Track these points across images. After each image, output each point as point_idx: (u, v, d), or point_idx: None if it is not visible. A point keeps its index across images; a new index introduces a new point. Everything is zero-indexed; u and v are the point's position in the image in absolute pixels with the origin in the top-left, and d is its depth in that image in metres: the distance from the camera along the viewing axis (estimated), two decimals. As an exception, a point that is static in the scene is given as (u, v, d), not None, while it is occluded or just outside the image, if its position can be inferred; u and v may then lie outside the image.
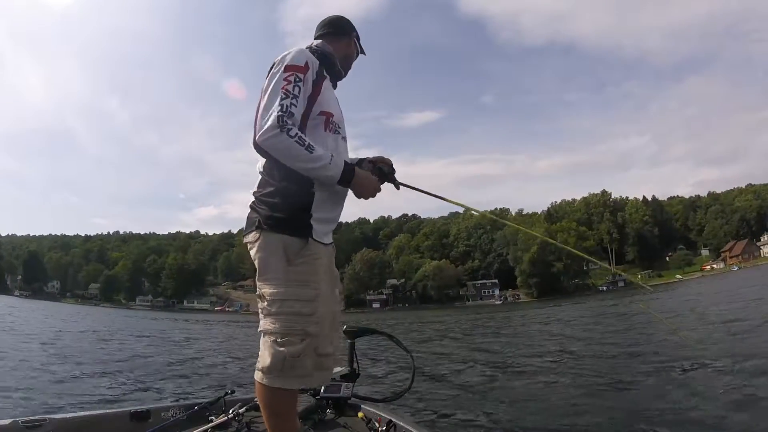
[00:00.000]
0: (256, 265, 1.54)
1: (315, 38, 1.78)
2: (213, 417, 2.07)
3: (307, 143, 1.43)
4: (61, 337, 13.89)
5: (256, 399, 2.06)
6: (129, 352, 10.54)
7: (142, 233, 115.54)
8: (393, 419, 1.96)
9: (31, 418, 1.75)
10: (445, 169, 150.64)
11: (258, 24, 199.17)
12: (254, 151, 1.49)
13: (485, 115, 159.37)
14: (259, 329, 1.52)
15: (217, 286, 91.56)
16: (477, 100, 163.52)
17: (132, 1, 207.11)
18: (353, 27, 1.83)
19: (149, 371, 7.54)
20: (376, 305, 74.98)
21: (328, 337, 1.54)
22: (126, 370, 7.46)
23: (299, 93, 1.49)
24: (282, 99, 1.44)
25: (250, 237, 1.55)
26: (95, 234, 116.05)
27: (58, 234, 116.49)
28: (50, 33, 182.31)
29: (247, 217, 1.58)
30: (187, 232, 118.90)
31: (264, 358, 1.48)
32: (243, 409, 2.10)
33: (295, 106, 1.46)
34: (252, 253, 1.56)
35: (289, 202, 1.51)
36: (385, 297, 78.17)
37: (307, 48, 1.64)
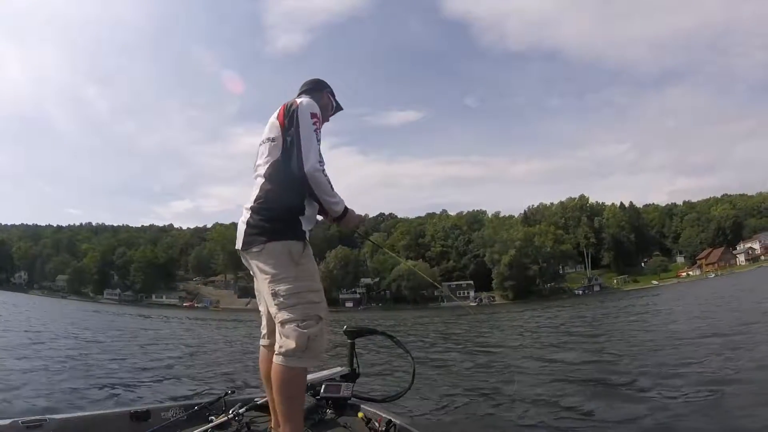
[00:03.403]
0: (269, 271, 1.86)
1: (298, 95, 2.10)
2: (213, 417, 2.10)
3: (330, 183, 1.90)
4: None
5: (256, 399, 2.28)
6: (111, 349, 10.21)
7: (114, 225, 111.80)
8: (393, 419, 2.03)
9: (31, 418, 1.81)
10: (426, 169, 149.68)
11: (242, 15, 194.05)
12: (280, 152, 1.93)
13: (466, 117, 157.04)
14: (278, 320, 1.84)
15: (187, 281, 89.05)
16: (459, 101, 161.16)
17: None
18: (327, 84, 2.27)
19: (142, 370, 7.38)
20: (349, 304, 73.53)
21: (328, 320, 1.92)
22: (120, 370, 7.32)
23: (320, 138, 1.93)
24: (317, 142, 1.88)
25: (255, 249, 1.87)
26: (67, 225, 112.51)
27: (30, 224, 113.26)
28: (30, 16, 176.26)
29: (246, 232, 1.90)
30: (161, 225, 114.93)
31: (287, 343, 1.79)
32: (243, 409, 2.13)
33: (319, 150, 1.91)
34: (260, 261, 1.88)
35: (287, 211, 1.89)
36: (358, 296, 76.92)
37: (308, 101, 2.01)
